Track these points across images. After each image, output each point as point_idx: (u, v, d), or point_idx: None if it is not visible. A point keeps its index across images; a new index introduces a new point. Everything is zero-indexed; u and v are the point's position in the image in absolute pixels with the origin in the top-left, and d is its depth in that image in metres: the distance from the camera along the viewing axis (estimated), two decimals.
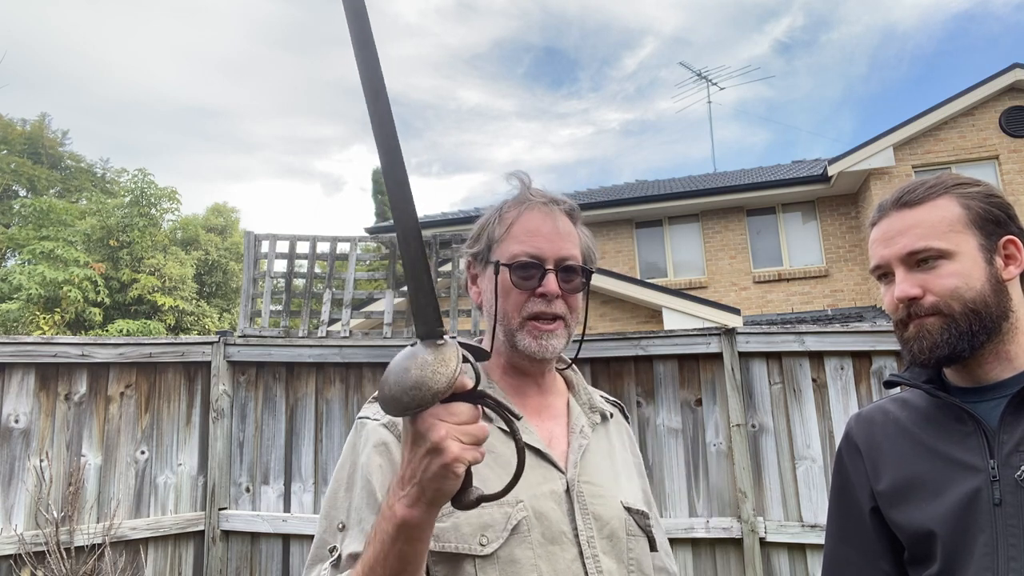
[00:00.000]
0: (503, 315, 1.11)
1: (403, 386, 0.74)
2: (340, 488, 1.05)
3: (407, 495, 0.78)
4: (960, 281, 1.01)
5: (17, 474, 3.62)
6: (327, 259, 5.16)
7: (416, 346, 0.78)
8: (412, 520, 0.79)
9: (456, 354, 0.75)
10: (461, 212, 14.47)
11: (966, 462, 1.01)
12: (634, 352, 3.80)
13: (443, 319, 0.79)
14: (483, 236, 1.16)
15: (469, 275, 1.19)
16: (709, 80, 16.70)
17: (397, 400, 0.74)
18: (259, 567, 3.93)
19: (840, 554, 1.17)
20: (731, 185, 12.41)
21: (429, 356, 0.75)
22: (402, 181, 0.77)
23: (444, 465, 0.75)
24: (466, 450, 0.75)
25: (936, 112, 11.20)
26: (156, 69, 49.73)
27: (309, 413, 4.08)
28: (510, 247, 1.11)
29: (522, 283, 1.09)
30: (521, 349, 1.10)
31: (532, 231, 1.11)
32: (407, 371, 0.75)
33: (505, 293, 1.11)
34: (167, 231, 16.05)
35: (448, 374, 0.73)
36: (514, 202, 1.15)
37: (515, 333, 1.10)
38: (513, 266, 1.09)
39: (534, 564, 0.99)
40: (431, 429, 0.75)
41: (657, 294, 9.02)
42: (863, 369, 3.60)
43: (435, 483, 0.76)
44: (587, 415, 1.18)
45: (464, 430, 0.76)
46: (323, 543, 1.01)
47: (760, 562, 3.51)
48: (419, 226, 0.79)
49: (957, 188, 1.07)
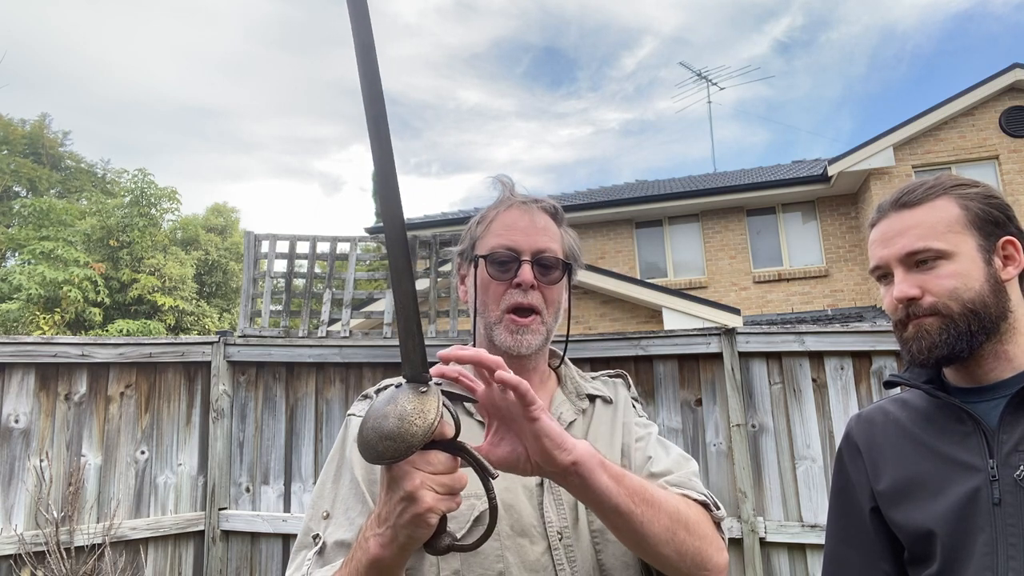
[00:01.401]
0: (483, 307, 1.13)
1: (380, 434, 0.73)
2: (328, 480, 1.07)
3: (381, 535, 0.80)
4: (959, 282, 1.01)
5: (17, 474, 3.62)
6: (327, 259, 5.16)
7: (401, 388, 0.77)
8: (384, 559, 0.80)
9: (436, 405, 0.75)
10: (461, 212, 14.48)
11: (966, 462, 1.01)
12: (634, 352, 3.80)
13: (427, 362, 0.79)
14: (467, 236, 1.20)
15: (459, 276, 1.23)
16: (709, 80, 16.71)
17: (372, 447, 0.74)
18: (259, 567, 3.93)
19: (840, 554, 1.17)
20: (731, 185, 12.41)
21: (409, 405, 0.74)
22: (396, 215, 0.77)
23: (416, 515, 0.75)
24: (440, 500, 0.76)
25: (936, 112, 11.20)
26: (155, 69, 49.79)
27: (309, 413, 4.08)
28: (488, 241, 1.14)
29: (498, 274, 1.11)
30: (498, 344, 1.11)
31: (509, 225, 1.14)
32: (385, 418, 0.74)
33: (484, 286, 1.13)
34: (167, 231, 16.06)
35: (425, 427, 0.73)
36: (496, 203, 1.19)
37: (493, 327, 1.12)
38: (489, 257, 1.12)
39: (500, 555, 0.99)
40: (405, 477, 0.75)
41: (657, 294, 9.01)
42: (863, 369, 3.60)
43: (407, 530, 0.77)
44: (573, 403, 1.18)
45: (439, 480, 0.76)
46: (308, 531, 1.03)
47: (760, 562, 3.51)
48: (411, 267, 0.79)
49: (956, 189, 1.07)
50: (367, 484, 1.02)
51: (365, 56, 0.75)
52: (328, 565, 0.96)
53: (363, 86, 0.76)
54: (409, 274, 0.78)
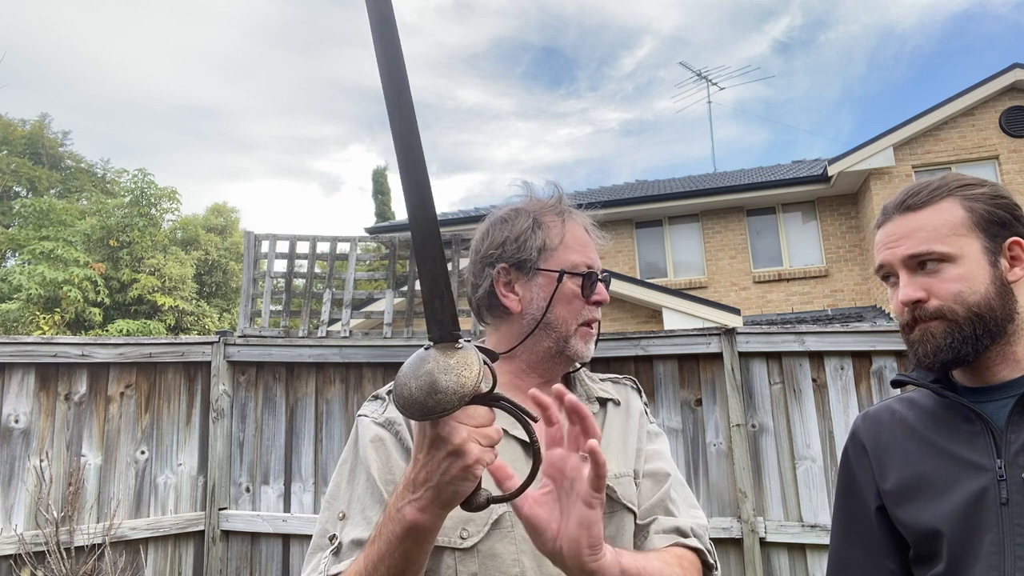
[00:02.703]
0: (560, 321, 1.14)
1: (426, 390, 0.73)
2: (342, 481, 1.07)
3: (419, 498, 0.79)
4: (963, 285, 1.00)
5: (17, 474, 3.61)
6: (327, 259, 5.15)
7: (430, 350, 0.77)
8: (423, 524, 0.80)
9: (477, 357, 0.75)
10: (461, 212, 14.47)
11: (973, 461, 1.01)
12: (634, 352, 3.80)
13: (458, 323, 0.79)
14: (527, 244, 1.15)
15: (501, 282, 1.16)
16: (709, 80, 16.71)
17: (421, 404, 0.74)
18: (259, 567, 3.93)
19: (845, 553, 1.16)
20: (731, 185, 12.41)
21: (451, 360, 0.74)
22: (422, 182, 0.77)
23: (465, 467, 0.75)
24: (485, 452, 0.76)
25: (936, 112, 11.19)
26: (154, 69, 49.79)
27: (309, 413, 4.07)
28: (568, 256, 1.15)
29: (587, 292, 1.14)
30: (570, 354, 1.14)
31: (584, 242, 1.17)
32: (431, 374, 0.74)
33: (567, 300, 1.14)
34: (167, 231, 16.05)
35: (472, 377, 0.73)
36: (553, 211, 1.18)
37: (570, 338, 1.14)
38: (580, 275, 1.14)
39: (516, 559, 0.99)
40: (453, 432, 0.75)
41: (657, 294, 9.02)
42: (863, 369, 3.60)
43: (453, 485, 0.77)
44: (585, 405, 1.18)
45: (482, 432, 0.77)
46: (324, 532, 1.02)
47: (760, 562, 3.51)
48: (438, 227, 0.78)
49: (961, 190, 1.06)
50: (383, 483, 1.01)
51: (385, 34, 0.76)
52: (344, 562, 0.95)
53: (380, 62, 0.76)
54: (437, 236, 0.77)
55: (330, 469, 3.98)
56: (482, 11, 77.19)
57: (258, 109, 66.25)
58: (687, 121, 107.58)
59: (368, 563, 0.85)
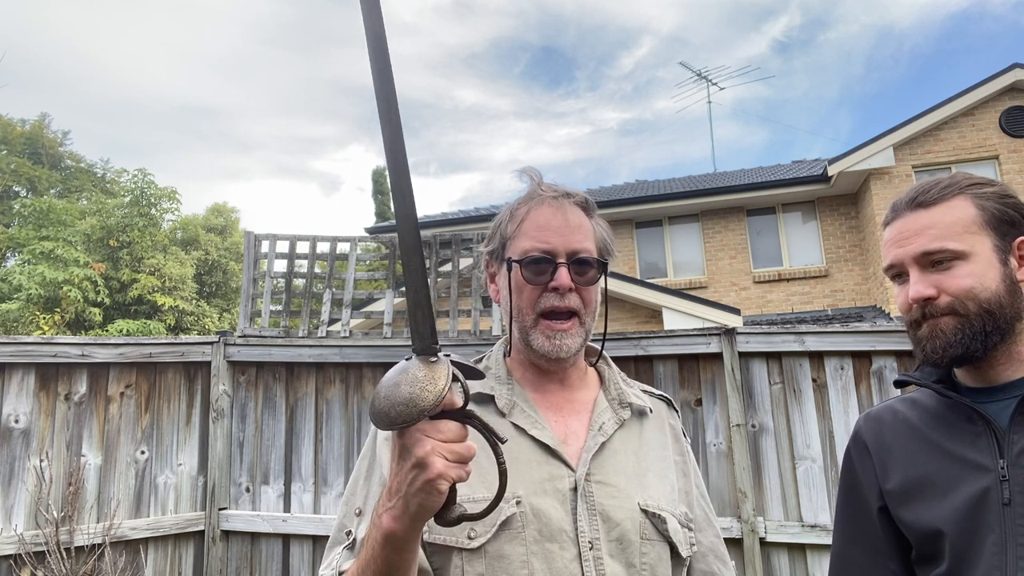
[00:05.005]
0: (517, 312, 1.10)
1: (392, 401, 0.75)
2: (360, 477, 1.08)
3: (393, 507, 0.80)
4: (975, 282, 1.01)
5: (17, 474, 3.61)
6: (327, 259, 5.15)
7: (411, 360, 0.78)
8: (396, 533, 0.80)
9: (446, 372, 0.76)
10: (461, 212, 14.47)
11: (976, 462, 1.01)
12: (634, 352, 3.80)
13: (438, 336, 0.80)
14: (497, 234, 1.15)
15: (487, 274, 1.19)
16: (709, 80, 16.70)
17: (385, 414, 0.75)
18: (259, 567, 3.93)
19: (848, 553, 1.17)
20: (731, 185, 12.40)
21: (420, 373, 0.76)
22: (407, 194, 0.78)
23: (428, 481, 0.75)
24: (450, 467, 0.76)
25: (936, 112, 11.19)
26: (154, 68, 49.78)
27: (309, 413, 4.07)
28: (521, 243, 1.10)
29: (534, 278, 1.08)
30: (535, 348, 1.09)
31: (542, 225, 1.10)
32: (398, 386, 0.76)
33: (518, 289, 1.10)
34: (167, 231, 16.05)
35: (436, 392, 0.74)
36: (525, 198, 1.14)
37: (529, 332, 1.09)
38: (524, 261, 1.08)
39: (525, 560, 0.97)
40: (416, 444, 0.76)
41: (657, 294, 9.01)
42: (863, 369, 3.60)
43: (418, 498, 0.77)
44: (615, 410, 1.14)
45: (449, 447, 0.76)
46: (342, 527, 1.04)
47: (760, 562, 3.51)
48: (421, 242, 0.80)
49: (972, 188, 1.06)
50: None
51: (376, 43, 0.76)
52: (347, 563, 0.97)
53: (372, 61, 0.77)
54: (419, 249, 0.78)
55: (330, 469, 3.98)
56: (481, 11, 77.20)
57: (258, 109, 66.26)
58: (687, 121, 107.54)
59: (360, 565, 0.87)
